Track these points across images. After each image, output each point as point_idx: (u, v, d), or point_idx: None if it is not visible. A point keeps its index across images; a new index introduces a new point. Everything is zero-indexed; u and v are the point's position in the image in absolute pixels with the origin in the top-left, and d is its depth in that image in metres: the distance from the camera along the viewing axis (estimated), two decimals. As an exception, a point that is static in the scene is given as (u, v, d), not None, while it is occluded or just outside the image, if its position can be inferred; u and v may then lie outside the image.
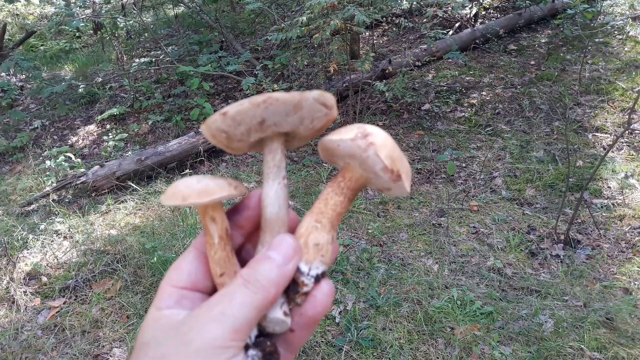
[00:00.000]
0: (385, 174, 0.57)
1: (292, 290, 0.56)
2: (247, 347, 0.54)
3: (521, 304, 3.11)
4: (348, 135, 0.57)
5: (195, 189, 0.55)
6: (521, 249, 3.64)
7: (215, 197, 0.55)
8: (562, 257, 3.52)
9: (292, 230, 0.61)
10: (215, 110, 6.24)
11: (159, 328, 0.52)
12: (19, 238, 4.22)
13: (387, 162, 0.56)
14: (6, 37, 9.41)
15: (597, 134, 4.94)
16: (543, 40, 7.28)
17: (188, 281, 0.57)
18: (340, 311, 3.14)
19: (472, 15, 7.81)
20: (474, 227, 3.92)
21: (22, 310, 3.49)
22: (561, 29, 6.58)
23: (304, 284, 0.56)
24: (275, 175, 0.60)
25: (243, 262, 0.60)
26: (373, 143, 0.56)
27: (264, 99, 0.54)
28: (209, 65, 6.39)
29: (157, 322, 0.53)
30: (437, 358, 2.78)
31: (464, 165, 4.77)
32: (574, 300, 3.11)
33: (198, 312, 0.51)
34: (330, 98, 0.57)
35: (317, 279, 0.57)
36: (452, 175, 4.60)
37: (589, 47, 6.19)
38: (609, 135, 4.89)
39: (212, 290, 0.58)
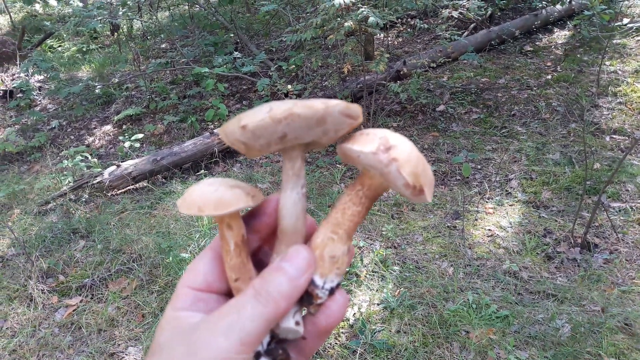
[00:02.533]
0: (407, 190, 0.55)
1: (305, 301, 0.55)
2: (258, 355, 0.54)
3: (537, 308, 3.08)
4: (369, 148, 0.54)
5: (211, 200, 0.54)
6: (537, 253, 3.60)
7: (231, 209, 0.54)
8: (579, 261, 3.48)
9: (309, 235, 0.59)
10: (229, 112, 6.27)
11: (172, 331, 0.53)
12: (37, 237, 4.27)
13: (409, 180, 0.53)
14: (25, 37, 9.54)
15: (614, 136, 4.88)
16: (560, 42, 7.21)
17: (204, 283, 0.57)
18: (354, 313, 3.14)
19: (487, 16, 7.76)
20: (489, 229, 3.90)
21: (39, 308, 3.54)
22: (578, 29, 6.51)
23: (318, 296, 0.55)
24: (294, 185, 0.58)
25: (259, 263, 0.60)
26: (396, 159, 0.53)
27: (286, 115, 0.51)
28: (224, 66, 6.42)
29: (171, 323, 0.54)
30: (452, 361, 2.77)
31: (479, 167, 4.74)
32: (592, 305, 3.07)
33: (208, 322, 0.51)
34: (356, 109, 0.54)
35: (332, 291, 0.56)
36: (467, 177, 4.57)
37: (607, 49, 6.12)
38: (626, 138, 4.83)
39: (228, 291, 0.58)
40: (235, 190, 0.56)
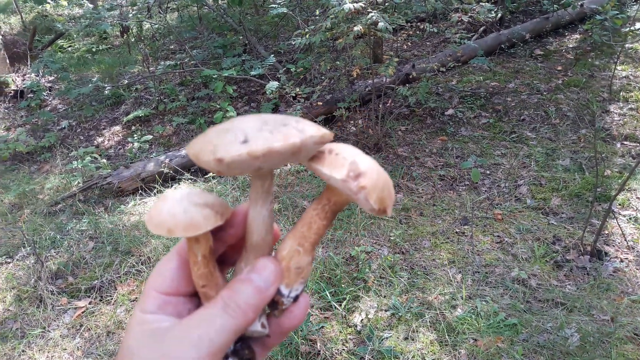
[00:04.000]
0: (372, 212, 0.57)
1: (271, 307, 0.59)
2: (226, 356, 0.56)
3: (546, 317, 3.06)
4: (339, 175, 0.54)
5: (181, 222, 0.54)
6: (546, 260, 3.58)
7: (201, 231, 0.55)
8: (588, 269, 3.46)
9: (275, 240, 0.62)
10: (238, 115, 6.28)
11: (142, 335, 0.55)
12: (47, 237, 4.30)
13: (375, 206, 0.55)
14: (36, 38, 9.60)
15: (626, 142, 4.85)
16: (571, 46, 7.17)
17: (171, 287, 0.58)
18: (362, 319, 3.13)
19: (497, 19, 7.72)
20: (498, 236, 3.88)
21: (48, 309, 3.56)
22: (590, 34, 6.46)
23: (283, 303, 0.59)
24: (264, 202, 0.59)
25: (223, 264, 0.64)
26: (364, 187, 0.54)
27: (264, 152, 0.50)
28: (233, 68, 6.44)
29: (141, 326, 0.55)
30: (460, 370, 2.76)
31: (488, 172, 4.72)
32: (601, 314, 3.05)
33: (179, 331, 0.53)
34: (328, 137, 0.55)
35: (296, 298, 0.60)
36: (476, 183, 4.55)
37: (619, 53, 6.07)
38: (638, 144, 4.79)
39: (194, 293, 0.60)
40: (205, 211, 0.55)
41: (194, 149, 0.54)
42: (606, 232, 3.76)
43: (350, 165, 0.55)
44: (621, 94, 5.62)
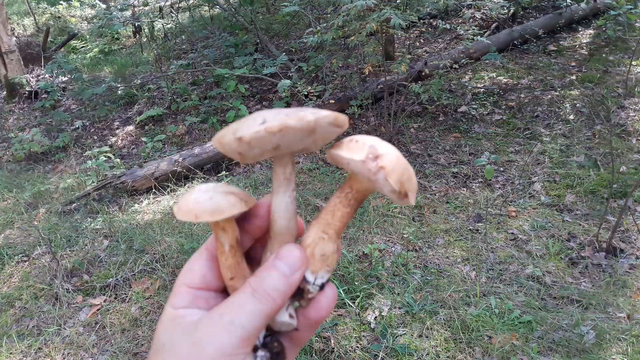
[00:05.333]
0: (392, 195, 0.58)
1: (297, 295, 0.59)
2: (255, 349, 0.57)
3: (561, 314, 3.04)
4: (358, 157, 0.57)
5: (207, 207, 0.57)
6: (561, 257, 3.55)
7: (226, 215, 0.57)
8: (604, 266, 3.42)
9: (299, 234, 0.63)
10: (250, 113, 6.31)
11: (174, 330, 0.55)
12: (62, 236, 4.35)
13: (395, 187, 0.56)
14: (49, 39, 9.70)
15: (641, 138, 4.79)
16: (585, 41, 7.10)
17: (201, 282, 0.59)
18: (376, 317, 3.13)
19: (510, 15, 7.67)
20: (512, 233, 3.85)
21: (64, 307, 3.60)
22: (604, 29, 6.39)
23: (309, 291, 0.59)
24: (286, 188, 0.61)
25: (251, 260, 0.64)
26: (383, 167, 0.56)
27: (280, 128, 0.53)
28: (245, 67, 6.45)
29: (173, 321, 0.56)
30: (475, 367, 2.75)
31: (501, 169, 4.69)
32: (617, 312, 3.02)
33: (210, 319, 0.54)
34: (343, 119, 0.57)
35: (322, 286, 0.59)
36: (490, 180, 4.52)
37: (634, 48, 6.00)
38: (654, 140, 4.73)
39: (224, 289, 0.61)
40: (230, 197, 0.58)
41: (218, 135, 0.57)
42: (622, 228, 3.72)
43: (370, 148, 0.57)
44: (636, 89, 5.55)
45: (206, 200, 0.57)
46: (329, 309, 0.60)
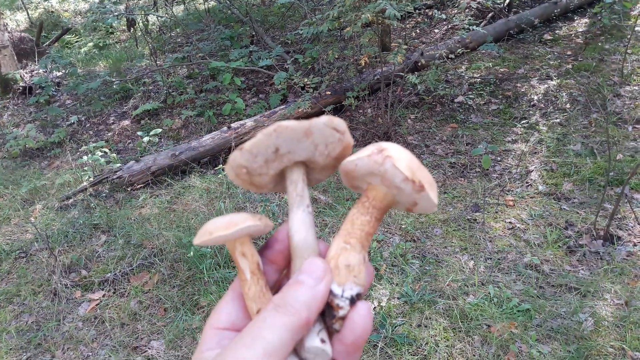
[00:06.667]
0: (406, 185, 0.57)
1: (328, 316, 0.55)
2: None
3: (559, 302, 3.05)
4: (364, 153, 0.58)
5: (221, 224, 0.58)
6: (559, 245, 3.56)
7: (239, 226, 0.57)
8: (601, 253, 3.44)
9: (323, 255, 0.60)
10: (246, 106, 6.29)
11: None
12: (59, 232, 4.34)
13: (407, 173, 0.56)
14: (42, 34, 9.63)
15: (637, 126, 4.79)
16: (580, 30, 7.08)
17: (227, 321, 0.57)
18: (375, 307, 3.14)
19: (505, 4, 7.64)
20: (509, 222, 3.86)
21: (63, 302, 3.60)
22: (599, 17, 6.37)
23: (339, 307, 0.55)
24: (299, 204, 0.61)
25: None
26: (390, 156, 0.56)
27: (275, 127, 0.56)
28: (240, 60, 6.42)
29: None
30: (474, 356, 2.76)
31: (499, 158, 4.69)
32: (615, 299, 3.04)
33: (232, 343, 0.51)
34: (340, 122, 0.59)
35: (353, 300, 0.55)
36: (487, 169, 4.52)
37: (629, 37, 5.99)
38: (650, 128, 4.73)
39: None
40: (243, 214, 0.60)
41: (227, 162, 0.61)
42: (619, 216, 3.73)
43: (374, 146, 0.59)
44: (632, 77, 5.55)
45: (220, 219, 0.59)
46: (365, 327, 0.54)
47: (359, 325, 0.54)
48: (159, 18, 9.13)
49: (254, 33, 7.81)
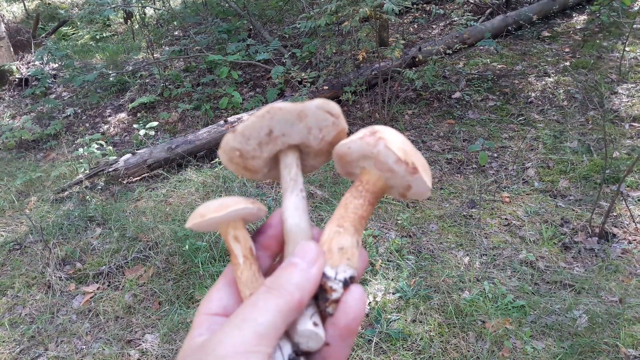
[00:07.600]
0: (399, 167, 0.56)
1: (321, 299, 0.54)
2: None
3: (554, 299, 3.05)
4: (357, 136, 0.58)
5: (212, 206, 0.58)
6: (554, 242, 3.57)
7: (232, 208, 0.57)
8: (596, 250, 3.44)
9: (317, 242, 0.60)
10: (243, 100, 6.27)
11: (189, 350, 0.52)
12: (54, 224, 4.32)
13: (399, 154, 0.56)
14: (39, 25, 9.57)
15: (634, 124, 4.80)
16: (578, 27, 7.08)
17: (219, 307, 0.57)
18: (370, 302, 3.14)
19: (504, 1, 7.63)
20: (505, 219, 3.86)
21: (57, 295, 3.59)
22: (598, 14, 6.37)
23: (332, 289, 0.54)
24: (293, 189, 0.61)
25: None
26: (383, 137, 0.56)
27: (268, 109, 0.56)
28: (238, 53, 6.39)
29: (189, 346, 0.53)
30: (468, 351, 2.76)
31: (495, 155, 4.69)
32: (609, 296, 3.04)
33: (222, 325, 0.50)
34: (334, 106, 0.58)
35: (346, 283, 0.54)
36: (484, 166, 4.52)
37: (627, 34, 5.99)
38: (647, 126, 4.74)
39: None
40: (235, 197, 0.59)
41: (219, 148, 0.60)
42: (614, 214, 3.74)
43: (367, 129, 0.59)
44: (630, 75, 5.55)
45: (212, 202, 0.59)
46: (358, 310, 0.53)
47: (353, 309, 0.53)
48: (156, 11, 9.08)
49: (251, 27, 7.77)
